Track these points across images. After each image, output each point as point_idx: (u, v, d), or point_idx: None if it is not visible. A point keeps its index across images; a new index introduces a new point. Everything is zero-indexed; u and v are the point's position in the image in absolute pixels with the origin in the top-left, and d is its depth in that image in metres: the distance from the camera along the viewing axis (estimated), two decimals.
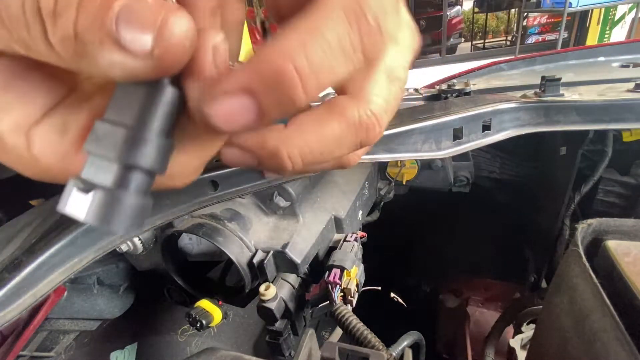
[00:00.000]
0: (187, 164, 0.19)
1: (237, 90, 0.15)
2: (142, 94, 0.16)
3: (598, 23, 4.86)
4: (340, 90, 0.20)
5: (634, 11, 4.03)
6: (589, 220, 0.38)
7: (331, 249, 0.48)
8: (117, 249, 0.52)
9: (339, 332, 0.59)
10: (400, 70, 0.21)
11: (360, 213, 0.58)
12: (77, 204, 0.15)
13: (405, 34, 0.22)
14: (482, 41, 6.77)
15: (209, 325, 0.49)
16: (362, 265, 0.48)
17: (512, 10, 6.66)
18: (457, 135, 0.43)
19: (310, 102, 0.16)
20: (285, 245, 0.43)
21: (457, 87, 0.67)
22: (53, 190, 0.34)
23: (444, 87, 0.70)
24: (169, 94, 0.16)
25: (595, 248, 0.36)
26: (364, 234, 0.51)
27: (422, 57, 6.06)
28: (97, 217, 0.15)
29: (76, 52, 0.13)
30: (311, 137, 0.18)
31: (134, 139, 0.15)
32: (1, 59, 0.16)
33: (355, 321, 0.41)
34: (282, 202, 0.46)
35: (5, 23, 0.13)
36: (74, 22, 0.13)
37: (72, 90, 0.18)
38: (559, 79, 0.51)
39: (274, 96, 0.15)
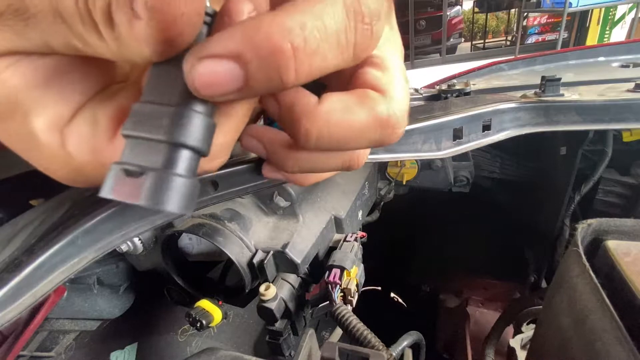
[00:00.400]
0: (222, 144, 0.19)
1: (226, 54, 0.14)
2: (178, 73, 0.15)
3: (598, 23, 4.86)
4: (362, 85, 0.20)
5: (634, 11, 4.03)
6: (589, 220, 0.38)
7: (331, 249, 0.48)
8: (117, 249, 0.52)
9: (339, 332, 0.59)
10: (406, 74, 0.21)
11: (360, 213, 0.58)
12: (126, 189, 0.14)
13: (397, 41, 0.22)
14: (482, 41, 6.77)
15: (209, 325, 0.49)
16: (362, 265, 0.48)
17: (512, 10, 6.66)
18: (457, 135, 0.43)
19: (293, 87, 0.16)
20: (285, 245, 0.43)
21: (457, 87, 0.67)
22: (53, 190, 0.34)
23: (444, 87, 0.70)
24: None
25: (595, 248, 0.36)
26: (364, 234, 0.51)
27: (422, 57, 6.06)
28: (154, 200, 0.14)
29: (115, 36, 0.13)
30: (336, 121, 0.17)
31: (180, 118, 0.15)
32: (48, 57, 0.16)
33: (355, 321, 0.41)
34: (282, 202, 0.46)
35: (65, 18, 0.13)
36: (108, 4, 0.13)
37: (102, 86, 0.18)
38: (559, 79, 0.51)
39: (264, 71, 0.14)
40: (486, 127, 0.45)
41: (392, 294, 1.32)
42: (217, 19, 0.16)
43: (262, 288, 0.42)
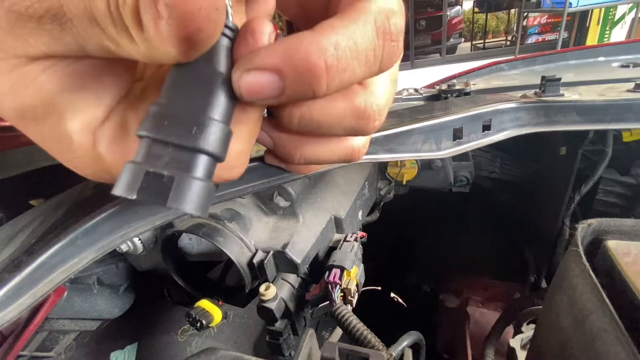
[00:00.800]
0: (239, 151, 0.20)
1: (269, 68, 0.16)
2: (201, 80, 0.16)
3: (598, 23, 4.86)
4: None
5: (634, 11, 4.03)
6: (589, 220, 0.38)
7: (331, 249, 0.48)
8: (117, 249, 0.52)
9: (339, 332, 0.59)
10: (397, 74, 0.23)
11: (360, 213, 0.58)
12: (149, 190, 0.15)
13: None
14: (482, 41, 6.77)
15: (209, 325, 0.49)
16: (362, 265, 0.48)
17: (512, 11, 6.66)
18: (457, 135, 0.43)
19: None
20: (285, 245, 0.43)
21: (457, 87, 0.67)
22: (53, 190, 0.34)
23: (444, 87, 0.70)
24: (228, 80, 0.16)
25: (595, 248, 0.36)
26: (364, 234, 0.51)
27: (422, 57, 6.06)
28: (177, 202, 0.15)
29: (144, 38, 0.14)
30: (317, 106, 0.19)
31: (200, 125, 0.16)
32: (81, 61, 0.16)
33: (355, 321, 0.41)
34: (282, 202, 0.46)
35: (99, 22, 0.14)
36: (136, 6, 0.13)
37: (129, 88, 0.19)
38: (559, 79, 0.51)
39: (300, 84, 0.16)
40: (486, 127, 0.45)
41: (392, 294, 1.32)
42: (240, 36, 0.17)
43: (262, 288, 0.42)
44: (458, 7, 6.52)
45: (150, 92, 0.20)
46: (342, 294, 0.43)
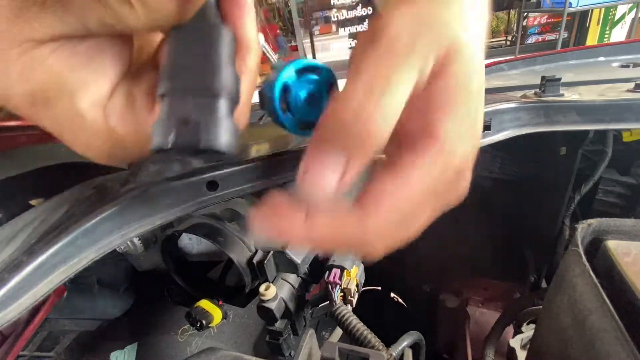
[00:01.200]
0: (243, 103, 0.21)
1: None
2: (200, 34, 0.17)
3: (598, 23, 4.86)
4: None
5: (634, 11, 4.03)
6: (589, 220, 0.38)
7: None
8: (117, 249, 0.52)
9: (339, 332, 0.59)
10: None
11: None
12: (183, 136, 0.16)
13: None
14: None
15: (209, 325, 0.49)
16: (362, 265, 0.48)
17: (512, 11, 6.66)
18: None
19: None
20: (285, 245, 0.43)
21: None
22: (53, 190, 0.34)
23: None
24: (225, 31, 0.18)
25: (595, 248, 0.36)
26: None
27: None
28: (210, 142, 0.16)
29: (142, 2, 0.15)
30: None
31: (217, 71, 0.17)
32: (85, 40, 0.17)
33: (355, 321, 0.41)
34: None
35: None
36: None
37: (128, 66, 0.20)
38: (559, 79, 0.51)
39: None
40: (486, 127, 0.45)
41: (392, 294, 1.32)
42: None
43: (262, 288, 0.42)
44: None
45: (149, 68, 0.21)
46: (342, 294, 0.43)
